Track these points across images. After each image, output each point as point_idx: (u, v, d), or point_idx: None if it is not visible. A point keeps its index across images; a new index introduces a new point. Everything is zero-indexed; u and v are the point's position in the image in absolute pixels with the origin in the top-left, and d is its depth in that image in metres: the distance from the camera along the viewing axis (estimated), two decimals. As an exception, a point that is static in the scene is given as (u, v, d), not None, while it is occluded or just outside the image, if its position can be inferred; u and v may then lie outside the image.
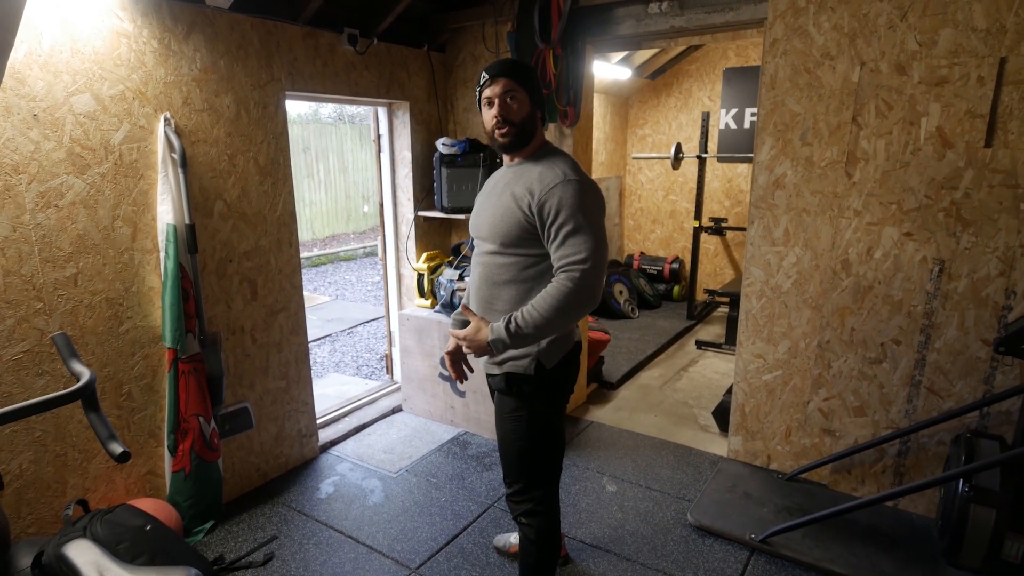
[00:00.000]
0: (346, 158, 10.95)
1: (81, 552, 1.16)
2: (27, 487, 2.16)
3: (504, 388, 1.85)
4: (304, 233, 10.40)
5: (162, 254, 2.39)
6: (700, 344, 5.01)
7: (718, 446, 3.28)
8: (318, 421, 3.35)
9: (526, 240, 1.74)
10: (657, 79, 6.23)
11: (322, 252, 10.15)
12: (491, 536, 2.56)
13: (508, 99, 1.74)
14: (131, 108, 2.28)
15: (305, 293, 5.19)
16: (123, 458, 1.29)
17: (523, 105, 1.76)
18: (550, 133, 3.35)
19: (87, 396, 1.31)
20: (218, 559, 2.40)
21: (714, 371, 4.48)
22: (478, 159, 3.39)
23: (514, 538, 2.40)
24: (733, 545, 2.49)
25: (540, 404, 1.86)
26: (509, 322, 1.64)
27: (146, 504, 2.33)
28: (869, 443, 2.63)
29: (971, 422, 2.48)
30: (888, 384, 2.61)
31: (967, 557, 2.13)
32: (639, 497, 2.83)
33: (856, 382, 2.68)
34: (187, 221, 2.42)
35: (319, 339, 5.63)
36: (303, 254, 9.60)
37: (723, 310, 5.97)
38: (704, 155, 5.36)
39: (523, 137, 1.78)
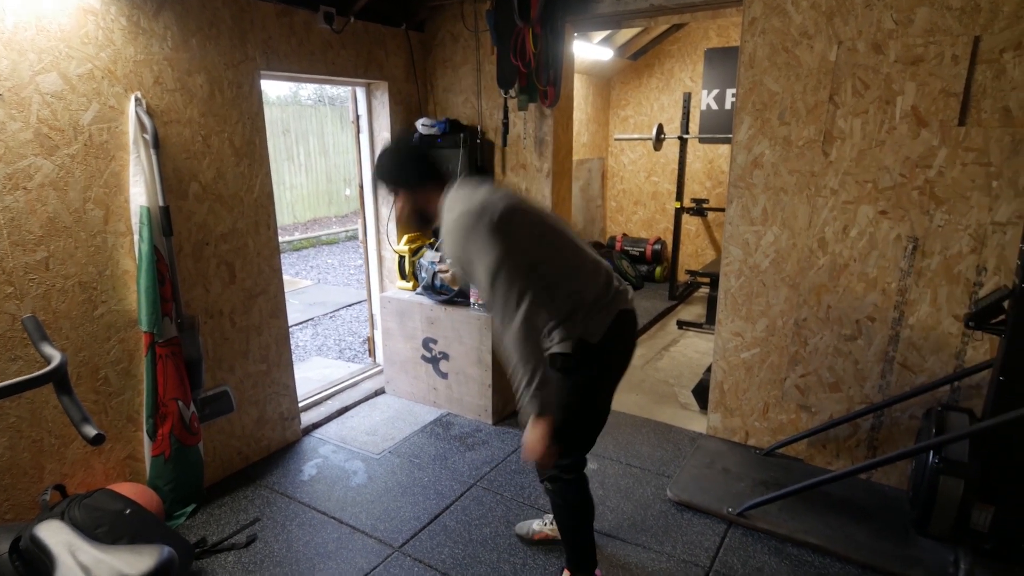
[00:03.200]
0: (327, 140, 10.81)
1: (53, 533, 1.15)
2: (3, 473, 2.14)
3: (550, 363, 1.85)
4: (285, 217, 10.28)
5: (136, 237, 2.35)
6: (681, 324, 5.05)
7: (697, 423, 3.33)
8: (300, 404, 3.34)
9: None
10: (639, 60, 6.20)
11: (304, 236, 10.05)
12: (474, 515, 2.58)
13: (395, 201, 1.91)
14: (100, 88, 2.23)
15: (287, 277, 5.14)
16: (97, 441, 1.28)
17: (404, 198, 1.87)
18: (530, 113, 3.33)
19: (59, 379, 1.29)
20: (200, 542, 2.40)
21: (695, 351, 4.53)
22: (458, 139, 3.37)
23: (536, 525, 2.42)
24: (711, 519, 2.53)
25: (582, 378, 1.88)
26: (521, 397, 1.68)
27: (126, 488, 2.31)
28: (844, 418, 2.68)
29: (942, 396, 2.53)
30: (863, 360, 2.66)
31: (937, 526, 2.19)
32: (619, 474, 2.87)
33: (832, 359, 2.73)
34: (161, 203, 2.38)
35: (301, 323, 5.60)
36: (284, 238, 9.49)
37: (704, 290, 6.02)
38: (685, 136, 5.37)
39: (426, 216, 1.88)
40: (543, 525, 2.40)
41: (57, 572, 1.04)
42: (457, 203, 1.74)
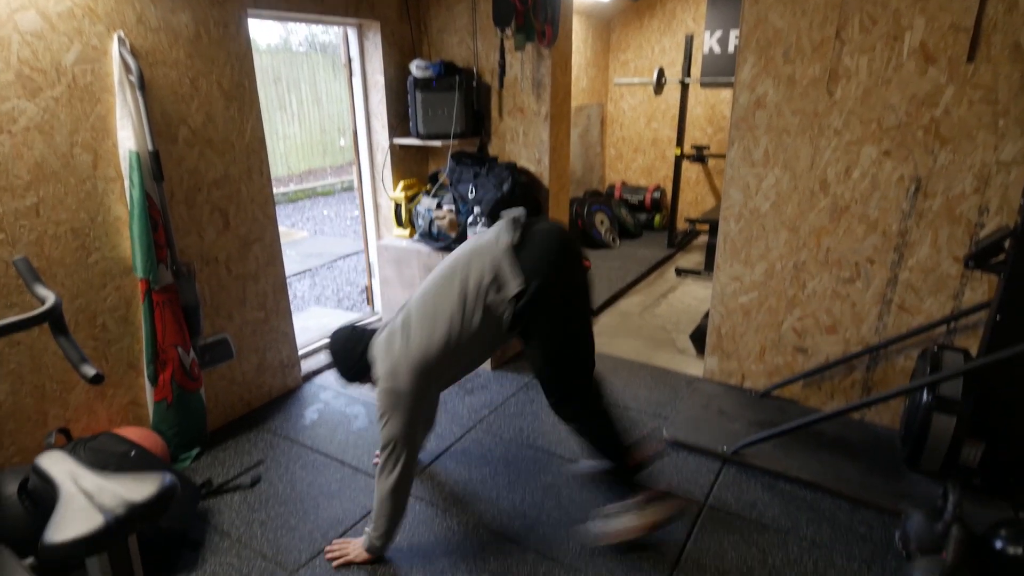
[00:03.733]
0: (319, 89, 10.55)
1: (55, 462, 1.16)
2: (7, 418, 2.16)
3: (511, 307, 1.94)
4: (279, 168, 10.12)
5: (127, 182, 2.31)
6: (680, 271, 5.05)
7: (694, 367, 3.36)
8: (300, 352, 3.36)
9: None
10: (640, 0, 6.00)
11: (299, 187, 9.93)
12: (473, 456, 2.63)
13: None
14: (81, 26, 2.15)
15: (283, 228, 5.11)
16: (96, 380, 1.28)
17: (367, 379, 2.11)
18: (528, 55, 3.24)
19: (54, 319, 1.29)
20: (206, 483, 2.45)
21: (693, 297, 4.54)
22: (453, 82, 3.28)
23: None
24: (706, 457, 2.59)
25: (538, 321, 1.95)
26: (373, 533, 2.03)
27: (131, 432, 2.35)
28: (839, 359, 2.71)
29: (939, 337, 2.55)
30: (860, 302, 2.67)
31: (927, 462, 2.24)
32: (617, 416, 2.91)
33: (829, 301, 2.73)
34: (150, 148, 2.33)
35: (298, 274, 5.59)
36: (279, 190, 9.38)
37: (703, 239, 6.00)
38: (687, 80, 5.24)
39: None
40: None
41: (60, 498, 1.06)
42: (377, 378, 1.98)
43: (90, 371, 1.27)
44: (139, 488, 1.08)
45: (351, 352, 2.09)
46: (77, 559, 1.07)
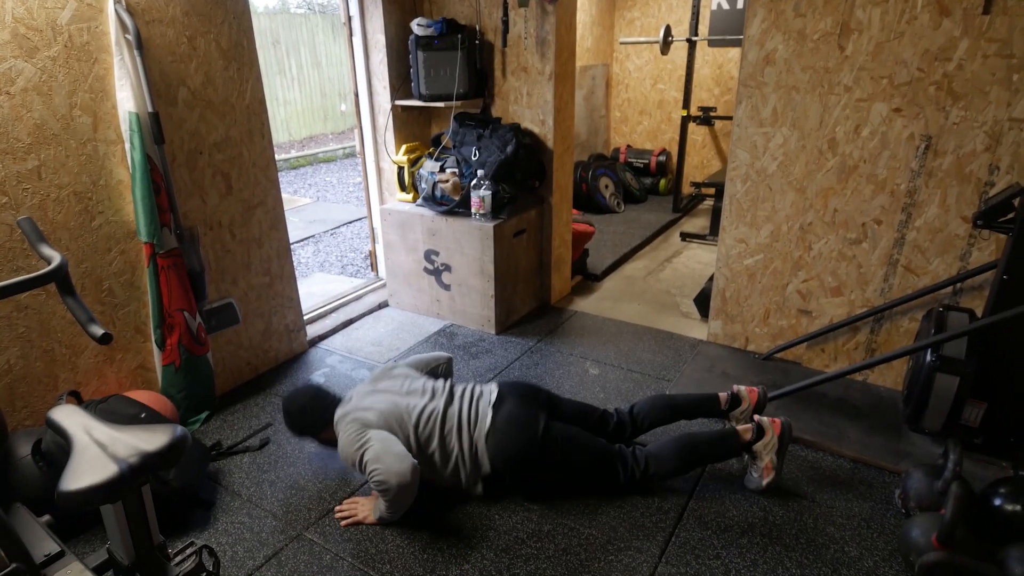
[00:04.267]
0: (319, 52, 10.38)
1: (68, 415, 1.18)
2: (18, 382, 2.19)
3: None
4: (280, 134, 10.03)
5: (127, 145, 2.29)
6: (684, 236, 5.02)
7: (698, 331, 3.37)
8: (305, 317, 3.38)
9: None
10: (646, -45, 5.83)
11: (300, 154, 9.85)
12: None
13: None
14: (75, -17, 2.10)
15: (285, 195, 5.06)
16: (105, 340, 1.29)
17: (323, 435, 2.29)
18: (531, 11, 3.16)
19: (60, 278, 1.29)
20: (216, 445, 2.49)
21: (697, 262, 4.53)
22: (456, 41, 3.21)
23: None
24: (709, 420, 2.61)
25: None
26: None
27: (141, 395, 2.38)
28: (844, 321, 2.71)
29: (944, 298, 2.54)
30: (866, 264, 2.65)
31: (929, 421, 2.25)
32: (620, 379, 2.94)
33: (835, 263, 2.72)
34: (150, 109, 2.30)
35: (302, 240, 5.58)
36: (281, 156, 9.31)
37: (708, 203, 5.94)
38: (695, 38, 5.12)
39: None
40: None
41: (74, 449, 1.08)
42: (342, 413, 2.17)
43: (98, 331, 1.28)
44: (151, 438, 1.10)
45: (315, 407, 2.26)
46: (92, 507, 1.10)
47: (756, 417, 2.16)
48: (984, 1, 2.17)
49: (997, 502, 1.82)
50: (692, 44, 5.15)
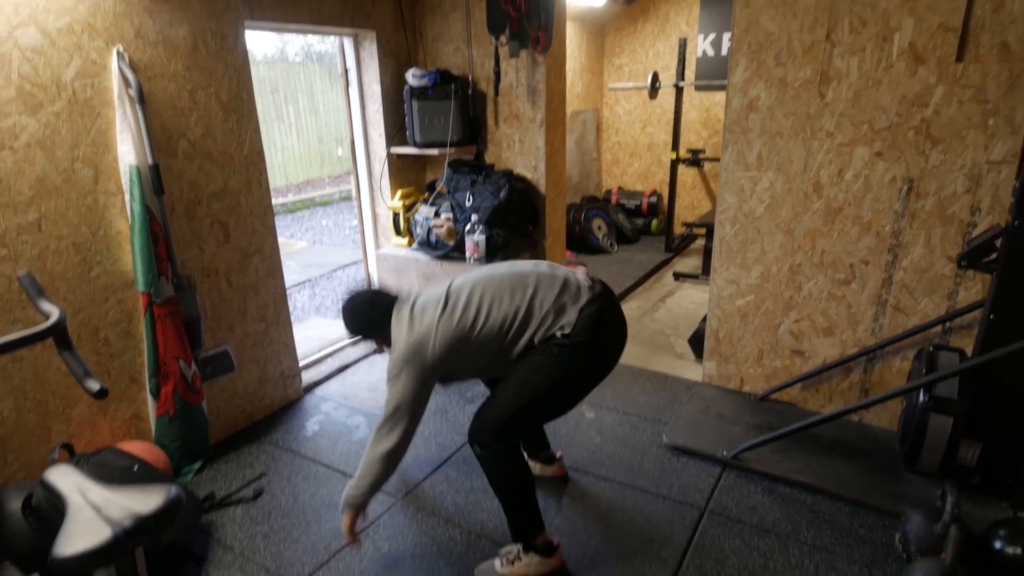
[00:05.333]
0: (316, 99, 10.59)
1: (63, 475, 1.18)
2: (11, 434, 2.17)
3: (542, 348, 1.93)
4: (277, 179, 10.15)
5: (127, 196, 2.33)
6: (677, 276, 5.07)
7: (693, 372, 3.38)
8: (301, 363, 3.37)
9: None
10: (633, 4, 6.04)
11: (297, 198, 9.96)
12: (475, 465, 2.61)
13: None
14: (81, 41, 2.17)
15: (282, 239, 5.13)
16: (100, 394, 1.29)
17: (377, 339, 2.13)
18: (522, 61, 3.26)
19: (58, 334, 1.30)
20: (209, 496, 2.46)
21: (691, 301, 4.56)
22: (449, 90, 3.31)
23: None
24: (706, 462, 2.60)
25: (560, 364, 1.90)
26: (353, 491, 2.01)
27: (134, 447, 2.36)
28: (836, 361, 2.72)
29: (934, 337, 2.57)
30: (856, 304, 2.68)
31: (925, 462, 2.25)
32: (616, 422, 2.93)
33: (825, 303, 2.75)
34: (150, 161, 2.35)
35: (298, 284, 5.60)
36: (278, 200, 9.40)
37: (700, 242, 6.01)
38: (681, 83, 5.27)
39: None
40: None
41: (68, 511, 1.07)
42: (398, 340, 1.97)
43: (95, 385, 1.28)
44: (146, 500, 1.09)
45: (371, 308, 2.09)
46: (86, 572, 1.08)
47: None
48: (957, 49, 2.26)
49: (997, 544, 1.81)
50: (679, 89, 5.29)
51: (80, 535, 1.03)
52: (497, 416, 1.94)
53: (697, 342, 3.51)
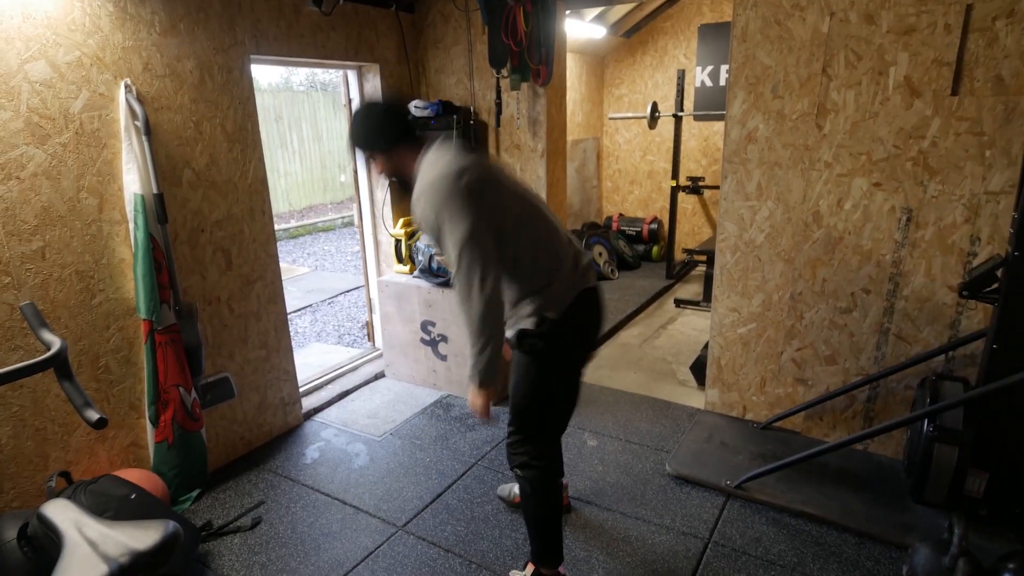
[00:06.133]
0: (320, 127, 10.73)
1: (60, 510, 1.17)
2: (8, 462, 2.16)
3: (515, 343, 1.88)
4: (280, 204, 10.23)
5: (131, 225, 2.35)
6: (679, 302, 5.07)
7: (696, 399, 3.36)
8: (301, 389, 3.36)
9: None
10: (632, 37, 6.15)
11: (300, 223, 10.02)
12: (476, 493, 2.61)
13: (371, 164, 1.89)
14: (89, 75, 2.21)
15: (284, 264, 5.16)
16: (100, 424, 1.29)
17: (381, 163, 1.85)
18: (523, 93, 3.32)
19: (59, 364, 1.30)
20: (206, 525, 2.43)
21: (692, 328, 4.56)
22: (451, 121, 3.35)
23: (516, 488, 2.36)
24: (710, 492, 2.57)
25: (548, 360, 1.86)
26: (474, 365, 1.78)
27: (131, 474, 2.34)
28: (840, 390, 2.71)
29: (937, 366, 2.56)
30: (858, 332, 2.68)
31: (932, 493, 2.22)
32: (619, 450, 2.90)
33: (827, 331, 2.75)
34: (155, 190, 2.37)
35: (300, 310, 5.61)
36: (280, 226, 9.47)
37: (701, 268, 6.03)
38: (680, 113, 5.34)
39: (404, 180, 1.85)
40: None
41: (65, 547, 1.06)
42: (433, 167, 1.70)
43: (94, 416, 1.28)
44: (143, 536, 1.08)
45: (389, 117, 1.83)
46: (80, 608, 1.07)
47: None
48: (952, 83, 2.30)
49: (1006, 578, 1.78)
50: (678, 119, 5.36)
51: (76, 572, 1.01)
52: (513, 425, 1.95)
53: (699, 369, 3.50)
